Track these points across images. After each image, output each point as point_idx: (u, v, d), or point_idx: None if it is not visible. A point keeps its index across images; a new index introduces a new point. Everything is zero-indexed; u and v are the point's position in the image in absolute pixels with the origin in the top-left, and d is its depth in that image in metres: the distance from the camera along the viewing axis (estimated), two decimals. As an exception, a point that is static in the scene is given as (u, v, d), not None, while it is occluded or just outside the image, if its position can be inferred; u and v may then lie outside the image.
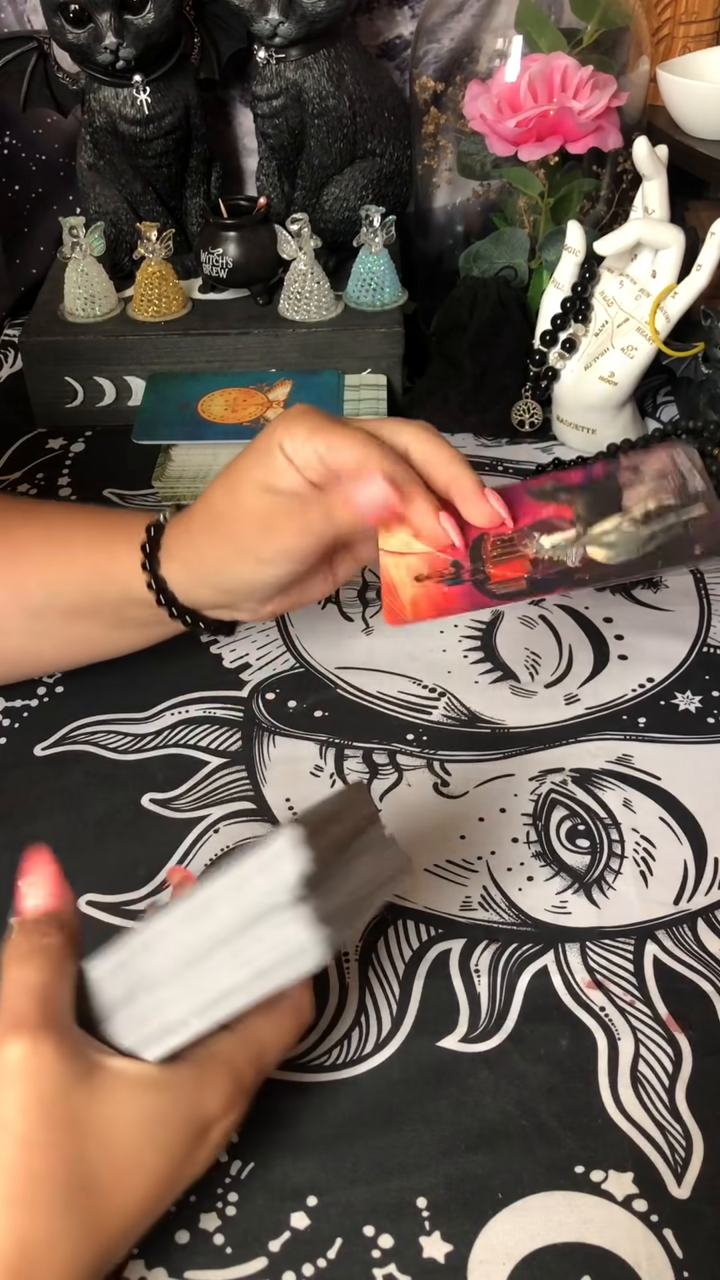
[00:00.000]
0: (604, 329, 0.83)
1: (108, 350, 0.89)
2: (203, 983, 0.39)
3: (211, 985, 0.38)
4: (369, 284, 0.90)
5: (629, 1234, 0.44)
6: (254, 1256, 0.44)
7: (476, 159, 0.89)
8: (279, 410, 0.86)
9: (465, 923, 0.55)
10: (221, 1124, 0.41)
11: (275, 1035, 0.44)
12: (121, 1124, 0.39)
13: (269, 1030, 0.43)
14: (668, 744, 0.64)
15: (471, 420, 0.88)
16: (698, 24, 0.98)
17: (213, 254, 0.90)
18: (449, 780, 0.62)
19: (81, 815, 0.61)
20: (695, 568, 0.57)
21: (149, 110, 0.92)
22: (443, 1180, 0.45)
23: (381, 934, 0.54)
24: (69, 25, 0.86)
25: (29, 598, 0.60)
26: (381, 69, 0.99)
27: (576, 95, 0.80)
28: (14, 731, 0.66)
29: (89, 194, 0.99)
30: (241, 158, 1.10)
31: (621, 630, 0.71)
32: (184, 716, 0.66)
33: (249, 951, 0.37)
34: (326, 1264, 0.43)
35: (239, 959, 0.38)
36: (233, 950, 0.38)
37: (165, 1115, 0.40)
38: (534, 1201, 0.45)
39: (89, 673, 0.68)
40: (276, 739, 0.65)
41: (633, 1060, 0.49)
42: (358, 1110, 0.48)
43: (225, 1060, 0.42)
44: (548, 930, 0.54)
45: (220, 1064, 0.41)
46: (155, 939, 0.40)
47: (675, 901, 0.56)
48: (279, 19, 0.86)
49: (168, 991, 0.39)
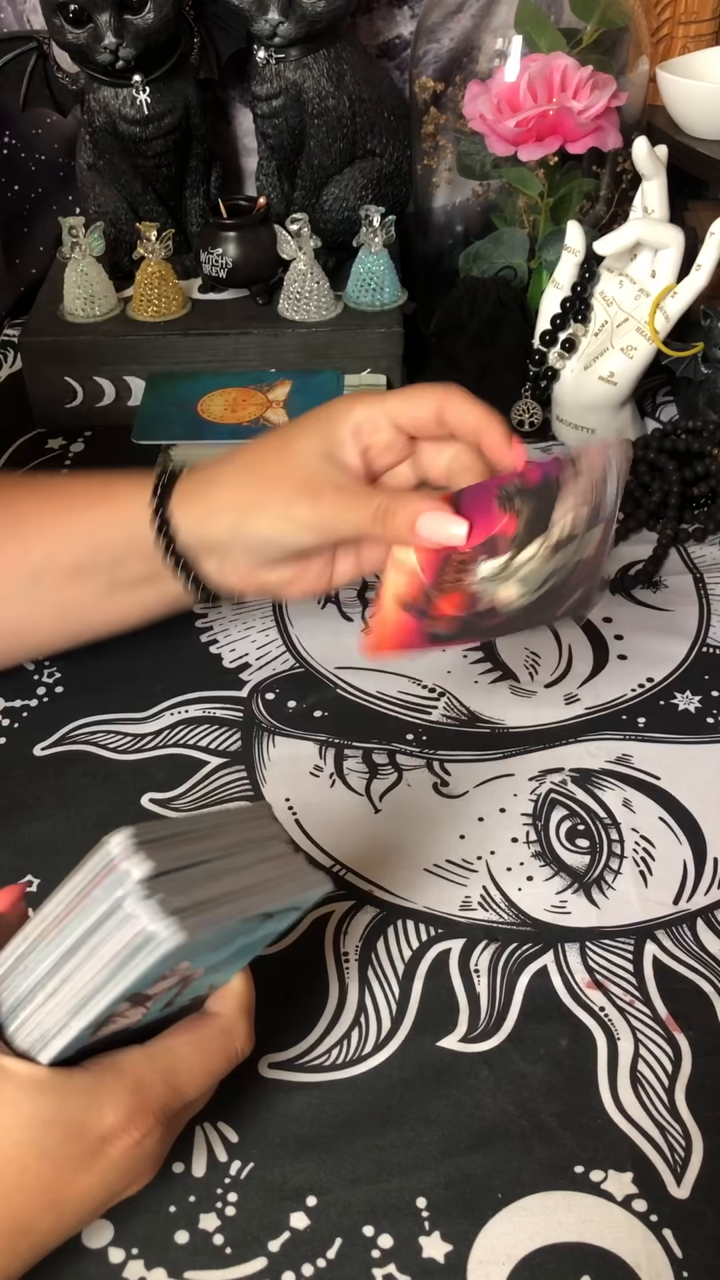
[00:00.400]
0: (603, 329, 0.83)
1: (108, 350, 0.89)
2: (69, 985, 0.38)
3: (76, 983, 0.38)
4: (369, 284, 0.90)
5: (629, 1234, 0.44)
6: (254, 1256, 0.44)
7: (476, 159, 0.89)
8: (279, 410, 0.86)
9: (465, 923, 0.55)
10: (122, 1140, 0.39)
11: (196, 1056, 0.41)
12: (7, 1125, 0.37)
13: (188, 1050, 0.41)
14: (667, 744, 0.64)
15: (471, 420, 0.88)
16: (697, 24, 0.98)
17: (212, 254, 0.90)
18: (449, 780, 0.62)
19: (81, 815, 0.61)
20: (549, 624, 0.56)
21: (149, 110, 0.92)
22: (442, 1180, 0.45)
23: (381, 934, 0.54)
24: (69, 25, 0.86)
25: (29, 556, 0.59)
26: (381, 69, 0.99)
27: (576, 95, 0.80)
28: (14, 731, 0.66)
29: (89, 194, 0.99)
30: (241, 158, 1.10)
31: (621, 630, 0.71)
32: (183, 716, 0.66)
33: (102, 950, 0.37)
34: (326, 1264, 0.43)
35: (95, 958, 0.37)
36: (88, 949, 0.38)
37: (51, 1119, 0.38)
38: (533, 1201, 0.45)
39: (89, 672, 0.68)
40: (276, 739, 0.65)
41: (632, 1060, 0.49)
42: (358, 1110, 0.48)
43: (127, 1072, 0.40)
44: (547, 930, 0.54)
45: (121, 1075, 0.39)
46: (20, 958, 0.39)
47: (675, 901, 0.56)
48: (279, 19, 0.86)
49: (42, 998, 0.39)
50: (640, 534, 0.78)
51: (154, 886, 0.36)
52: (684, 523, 0.78)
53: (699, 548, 0.78)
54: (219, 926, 0.37)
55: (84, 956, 0.38)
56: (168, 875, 0.37)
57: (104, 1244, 0.44)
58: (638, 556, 0.76)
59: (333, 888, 0.51)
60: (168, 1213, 0.45)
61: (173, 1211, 0.45)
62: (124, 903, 0.36)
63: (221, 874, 0.39)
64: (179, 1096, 0.41)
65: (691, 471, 0.79)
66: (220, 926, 0.37)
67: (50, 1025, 0.39)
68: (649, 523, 0.78)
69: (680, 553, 0.77)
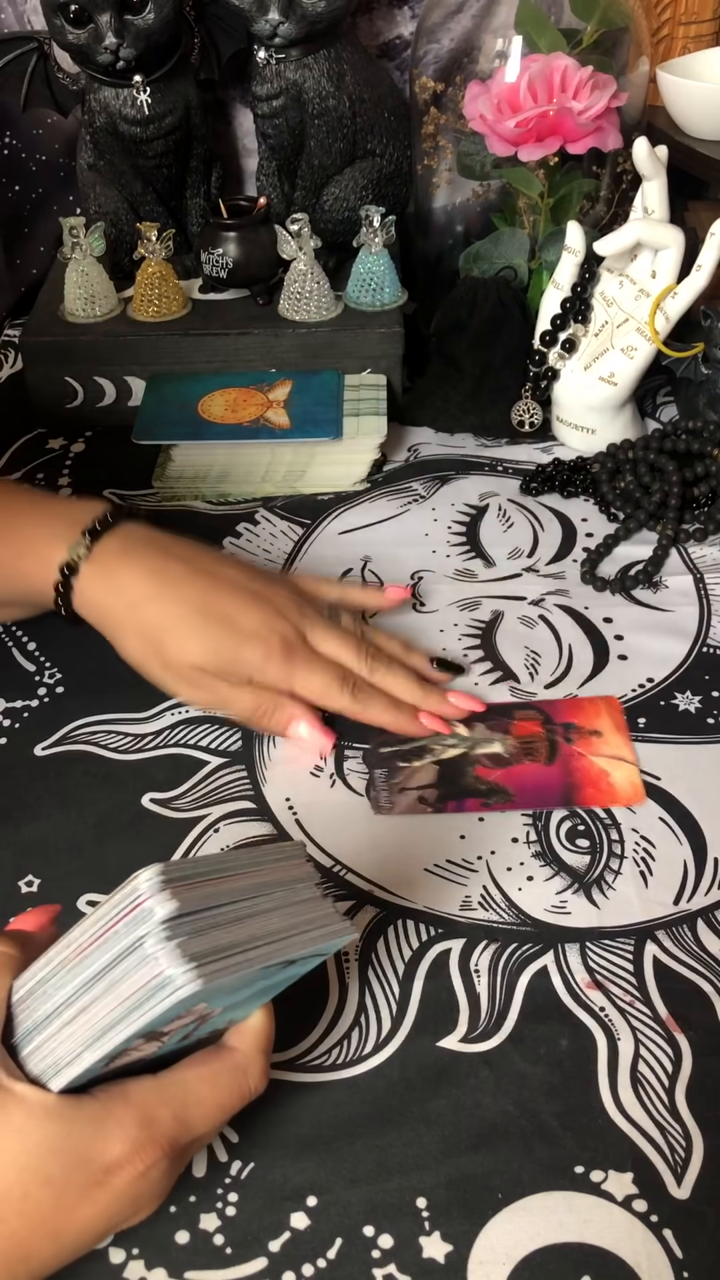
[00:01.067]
0: (604, 329, 0.83)
1: (108, 350, 0.89)
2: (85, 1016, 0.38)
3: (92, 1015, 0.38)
4: (369, 284, 0.90)
5: (629, 1234, 0.44)
6: (254, 1257, 0.44)
7: (476, 159, 0.89)
8: (279, 410, 0.86)
9: (465, 922, 0.55)
10: (126, 1171, 0.38)
11: (207, 1091, 0.41)
12: (12, 1150, 0.37)
13: (200, 1084, 0.41)
14: (668, 744, 0.64)
15: (471, 420, 0.88)
16: (697, 24, 0.98)
17: (213, 254, 0.90)
18: (449, 780, 0.62)
19: (81, 815, 0.61)
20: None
21: (149, 110, 0.92)
22: (443, 1180, 0.45)
23: (381, 934, 0.54)
24: (69, 26, 0.86)
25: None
26: (381, 69, 0.99)
27: (576, 95, 0.80)
28: (14, 731, 0.66)
29: (89, 194, 0.99)
30: (241, 158, 1.10)
31: (621, 630, 0.71)
32: (184, 717, 0.66)
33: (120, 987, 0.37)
34: (326, 1264, 0.43)
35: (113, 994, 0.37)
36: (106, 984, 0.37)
37: (57, 1146, 0.37)
38: (534, 1202, 0.45)
39: (90, 673, 0.68)
40: (277, 739, 0.65)
41: (632, 1060, 0.49)
42: (358, 1110, 0.48)
43: (136, 1104, 0.39)
44: (548, 930, 0.54)
45: (129, 1106, 0.39)
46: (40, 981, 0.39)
47: (675, 902, 0.56)
48: (279, 19, 0.86)
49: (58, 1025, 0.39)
50: (640, 534, 0.78)
51: (176, 928, 0.36)
52: (684, 523, 0.78)
53: (699, 548, 0.78)
54: (237, 975, 0.37)
55: (102, 990, 0.37)
56: (191, 916, 0.37)
57: (105, 1244, 0.44)
58: (638, 556, 0.76)
59: (358, 937, 0.52)
60: (168, 1213, 0.45)
61: (173, 1211, 0.45)
62: (145, 941, 0.36)
63: (246, 918, 0.39)
64: (188, 1131, 0.40)
65: (692, 472, 0.79)
66: (238, 975, 0.37)
67: (64, 1054, 0.38)
68: (649, 523, 0.78)
69: (680, 553, 0.77)
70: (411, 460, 0.87)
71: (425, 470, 0.86)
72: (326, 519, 0.81)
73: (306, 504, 0.83)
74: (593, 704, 0.65)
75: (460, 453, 0.88)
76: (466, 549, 0.78)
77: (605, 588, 0.74)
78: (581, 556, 0.77)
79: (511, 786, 0.61)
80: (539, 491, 0.83)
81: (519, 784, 0.61)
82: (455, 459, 0.87)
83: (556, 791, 0.60)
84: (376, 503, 0.83)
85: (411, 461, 0.87)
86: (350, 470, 0.84)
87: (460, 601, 0.74)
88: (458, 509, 0.82)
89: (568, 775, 0.61)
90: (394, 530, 0.80)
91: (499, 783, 0.61)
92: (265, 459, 0.84)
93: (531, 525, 0.80)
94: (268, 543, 0.79)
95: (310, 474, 0.84)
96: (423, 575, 0.76)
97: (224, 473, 0.84)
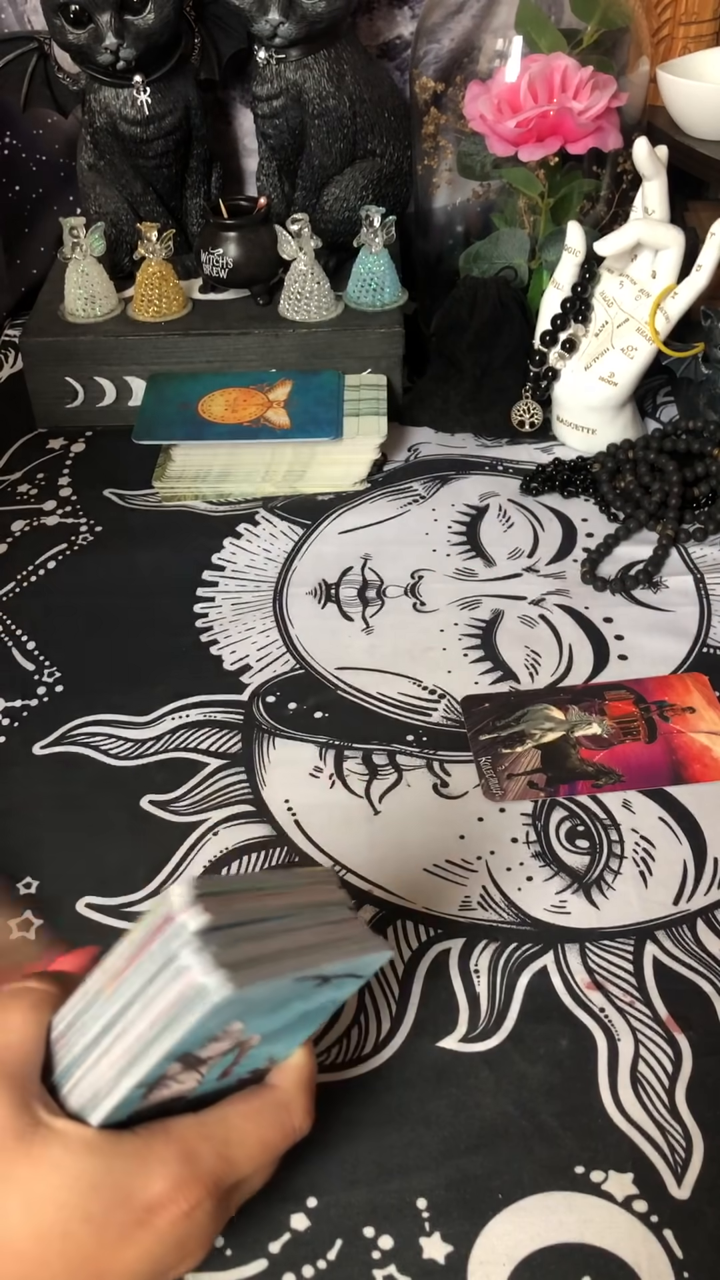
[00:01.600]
0: (604, 329, 0.83)
1: (108, 350, 0.89)
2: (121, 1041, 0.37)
3: (127, 1039, 0.37)
4: (369, 284, 0.90)
5: (629, 1234, 0.44)
6: (254, 1258, 0.44)
7: (476, 159, 0.89)
8: (279, 410, 0.86)
9: (465, 923, 0.55)
10: (169, 1210, 0.36)
11: (250, 1127, 0.40)
12: (53, 1186, 0.36)
13: (242, 1120, 0.40)
14: (668, 744, 0.64)
15: (471, 420, 0.88)
16: (698, 24, 0.98)
17: (213, 254, 0.90)
18: (449, 780, 0.62)
19: (81, 816, 0.61)
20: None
21: (149, 110, 0.92)
22: (443, 1181, 0.45)
23: (381, 934, 0.54)
24: (69, 26, 0.86)
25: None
26: (381, 69, 0.99)
27: (576, 96, 0.80)
28: (14, 731, 0.66)
29: (89, 194, 0.99)
30: (242, 158, 1.10)
31: (621, 630, 0.71)
32: (184, 720, 0.66)
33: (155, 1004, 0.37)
34: (326, 1265, 0.43)
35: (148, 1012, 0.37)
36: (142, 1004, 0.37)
37: (97, 1181, 0.36)
38: (534, 1202, 0.45)
39: (90, 673, 0.68)
40: (276, 741, 0.65)
41: (632, 1061, 0.49)
42: (357, 1110, 0.48)
43: (177, 1138, 0.38)
44: (547, 930, 0.54)
45: (170, 1141, 0.38)
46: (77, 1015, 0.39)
47: (675, 902, 0.56)
48: (279, 19, 0.86)
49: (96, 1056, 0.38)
50: (640, 534, 0.78)
51: (208, 939, 0.36)
52: (684, 523, 0.78)
53: (699, 548, 0.78)
54: (271, 984, 0.37)
55: (138, 1012, 0.37)
56: (224, 930, 0.37)
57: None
58: (638, 556, 0.76)
59: (394, 955, 0.51)
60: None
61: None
62: (179, 954, 0.36)
63: (277, 932, 0.39)
64: (231, 1169, 0.39)
65: (692, 472, 0.79)
66: (272, 984, 0.37)
67: (101, 1085, 0.38)
68: (649, 523, 0.78)
69: (680, 553, 0.77)
70: (412, 460, 0.87)
71: (425, 470, 0.86)
72: (327, 519, 0.81)
73: (307, 504, 0.83)
74: (681, 681, 0.66)
75: (460, 453, 0.88)
76: (467, 549, 0.78)
77: (605, 588, 0.74)
78: (582, 556, 0.77)
79: (618, 767, 0.61)
80: (539, 491, 0.83)
81: (625, 764, 0.61)
82: (455, 459, 0.87)
83: (664, 770, 0.61)
84: (377, 503, 0.83)
85: (412, 461, 0.87)
86: (350, 470, 0.84)
87: (460, 601, 0.74)
88: (458, 509, 0.82)
89: (671, 753, 0.62)
90: (394, 530, 0.80)
91: (605, 764, 0.61)
92: (265, 459, 0.84)
93: (532, 525, 0.80)
94: (268, 543, 0.79)
95: (310, 474, 0.84)
96: (423, 575, 0.76)
97: (224, 473, 0.84)
